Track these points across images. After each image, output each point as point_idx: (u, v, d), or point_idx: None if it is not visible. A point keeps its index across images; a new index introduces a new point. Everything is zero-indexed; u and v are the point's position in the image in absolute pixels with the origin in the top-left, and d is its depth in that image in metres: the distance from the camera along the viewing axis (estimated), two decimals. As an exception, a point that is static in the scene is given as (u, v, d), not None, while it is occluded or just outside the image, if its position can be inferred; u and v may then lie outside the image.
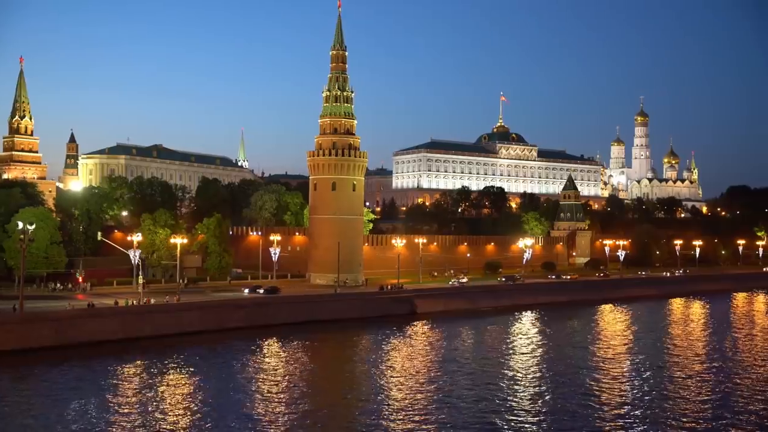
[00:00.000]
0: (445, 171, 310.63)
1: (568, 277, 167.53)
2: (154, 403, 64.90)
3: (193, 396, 68.36)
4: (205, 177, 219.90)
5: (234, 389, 71.04)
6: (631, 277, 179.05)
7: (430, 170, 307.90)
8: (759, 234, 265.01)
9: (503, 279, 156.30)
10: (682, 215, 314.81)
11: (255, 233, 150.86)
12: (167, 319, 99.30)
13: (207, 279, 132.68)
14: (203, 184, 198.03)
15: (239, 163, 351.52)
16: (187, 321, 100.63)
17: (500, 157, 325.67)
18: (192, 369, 79.62)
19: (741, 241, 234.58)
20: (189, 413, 62.37)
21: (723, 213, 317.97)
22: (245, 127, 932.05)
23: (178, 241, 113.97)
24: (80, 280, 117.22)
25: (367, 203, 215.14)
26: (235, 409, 63.74)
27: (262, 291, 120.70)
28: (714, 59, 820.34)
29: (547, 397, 69.75)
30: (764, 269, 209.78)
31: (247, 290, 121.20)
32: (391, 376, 78.17)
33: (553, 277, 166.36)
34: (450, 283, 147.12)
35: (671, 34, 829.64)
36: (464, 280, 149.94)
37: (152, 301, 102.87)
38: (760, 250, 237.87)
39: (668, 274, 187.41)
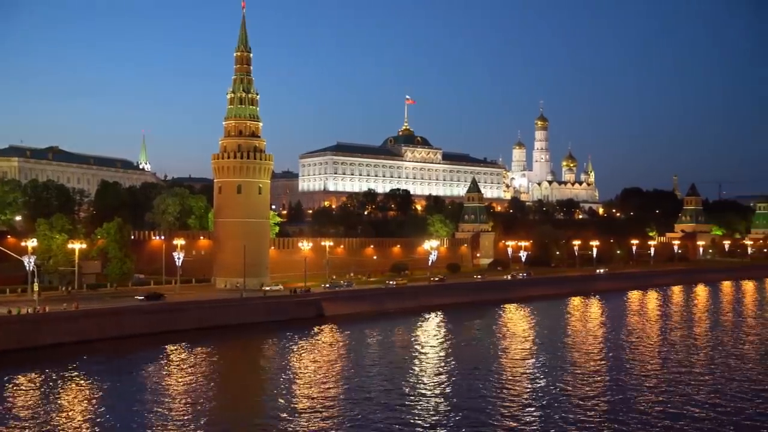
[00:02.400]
0: (352, 174, 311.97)
1: (394, 283, 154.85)
2: (51, 416, 62.73)
3: (92, 407, 66.36)
4: (105, 180, 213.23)
5: (135, 399, 69.35)
6: (492, 280, 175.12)
7: (336, 173, 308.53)
8: (651, 234, 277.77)
9: (327, 286, 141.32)
10: (580, 216, 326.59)
11: (158, 237, 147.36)
12: (65, 327, 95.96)
13: (108, 285, 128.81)
14: (103, 187, 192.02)
15: (141, 166, 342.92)
16: (87, 329, 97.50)
17: (406, 160, 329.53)
18: (91, 379, 77.25)
19: (634, 241, 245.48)
20: (87, 425, 60.58)
21: (618, 214, 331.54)
22: (147, 128, 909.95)
23: (76, 246, 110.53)
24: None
25: (273, 206, 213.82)
26: (135, 420, 62.36)
27: None
28: (609, 65, 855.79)
29: (453, 395, 71.29)
30: (597, 271, 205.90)
31: None
32: (299, 381, 78.08)
33: (392, 283, 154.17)
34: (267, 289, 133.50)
35: (570, 41, 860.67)
36: (278, 287, 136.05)
37: (47, 308, 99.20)
38: (652, 249, 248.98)
39: (509, 277, 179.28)
